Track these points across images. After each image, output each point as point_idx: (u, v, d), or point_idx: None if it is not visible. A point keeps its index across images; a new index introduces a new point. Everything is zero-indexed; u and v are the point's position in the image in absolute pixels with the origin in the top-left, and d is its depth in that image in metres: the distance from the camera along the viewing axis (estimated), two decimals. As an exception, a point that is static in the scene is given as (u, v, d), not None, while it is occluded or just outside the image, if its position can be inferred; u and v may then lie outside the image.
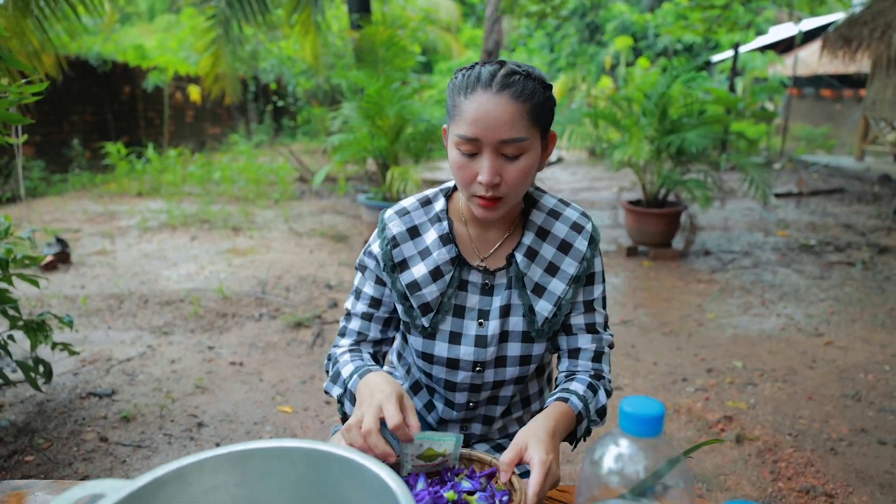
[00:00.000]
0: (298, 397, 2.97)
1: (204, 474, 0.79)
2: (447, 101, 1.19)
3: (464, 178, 1.14)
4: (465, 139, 1.11)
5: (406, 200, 1.33)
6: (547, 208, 1.28)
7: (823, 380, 3.34)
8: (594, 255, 1.27)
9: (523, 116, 1.11)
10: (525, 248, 1.25)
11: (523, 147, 1.12)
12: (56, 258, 4.89)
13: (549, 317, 1.25)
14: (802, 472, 2.53)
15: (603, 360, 1.30)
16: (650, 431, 0.66)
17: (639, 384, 3.27)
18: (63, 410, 2.72)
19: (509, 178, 1.12)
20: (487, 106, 1.09)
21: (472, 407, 1.35)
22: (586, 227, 1.27)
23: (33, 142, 8.57)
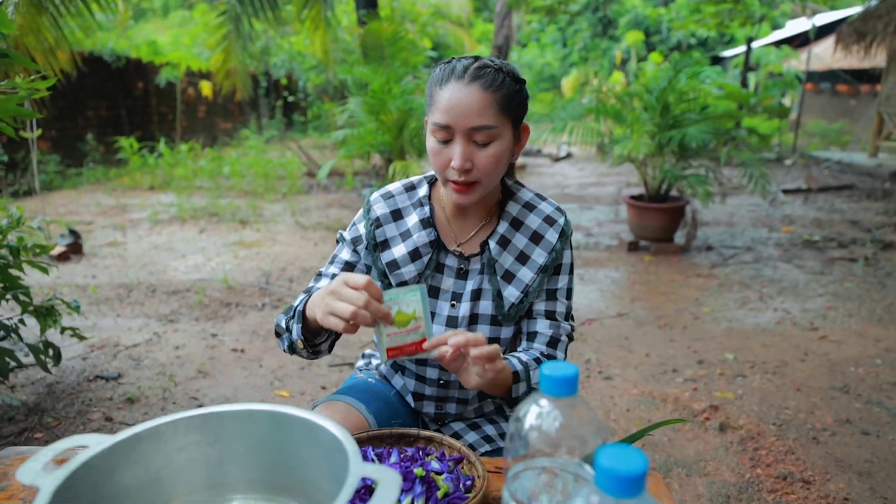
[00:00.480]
0: (296, 382, 3.08)
1: (178, 433, 0.87)
2: (426, 92, 1.28)
3: (439, 163, 1.23)
4: (438, 126, 1.20)
5: (392, 185, 1.42)
6: (523, 201, 1.36)
7: (814, 372, 3.37)
8: (564, 248, 1.35)
9: (492, 105, 1.19)
10: (498, 236, 1.32)
11: (493, 135, 1.21)
12: (69, 249, 5.04)
13: (515, 302, 1.32)
14: (782, 459, 2.59)
15: (558, 347, 1.36)
16: (566, 391, 0.74)
17: (629, 374, 3.34)
18: (71, 392, 2.86)
19: (480, 164, 1.21)
20: (459, 95, 1.18)
21: (444, 385, 1.42)
22: (559, 220, 1.34)
23: (49, 136, 8.75)
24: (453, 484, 1.03)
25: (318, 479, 0.83)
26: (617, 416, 2.89)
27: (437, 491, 1.02)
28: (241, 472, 0.88)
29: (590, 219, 7.23)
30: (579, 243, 6.10)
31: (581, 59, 23.38)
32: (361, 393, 1.43)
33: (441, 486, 1.02)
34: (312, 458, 0.84)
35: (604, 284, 4.86)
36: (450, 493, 1.02)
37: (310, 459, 0.84)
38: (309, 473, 0.85)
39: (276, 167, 9.21)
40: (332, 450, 0.81)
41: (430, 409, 1.48)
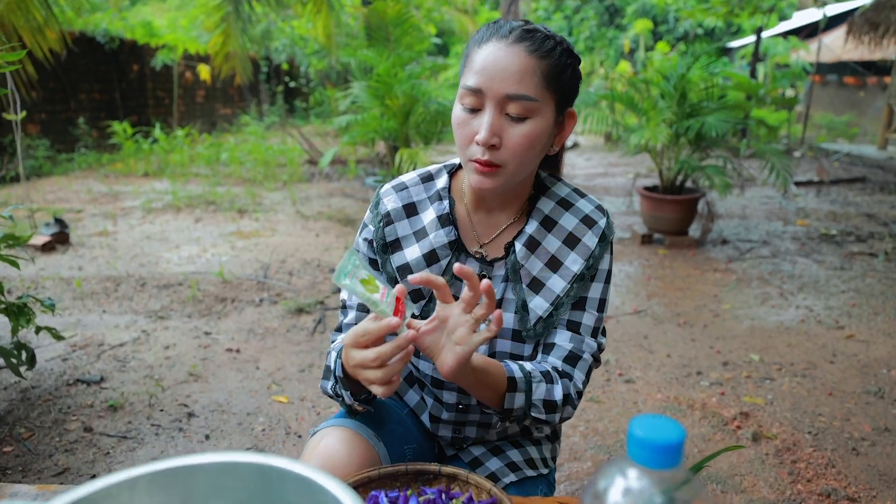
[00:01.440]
0: (295, 386, 2.86)
1: (136, 494, 0.66)
2: (463, 56, 1.09)
3: (462, 137, 1.04)
4: (468, 90, 1.01)
5: (406, 175, 1.22)
6: (558, 197, 1.16)
7: (844, 375, 3.20)
8: (603, 254, 1.15)
9: (535, 74, 0.99)
10: (526, 237, 1.13)
11: (530, 109, 1.00)
12: (54, 239, 4.80)
13: (543, 315, 1.13)
14: (823, 473, 2.39)
15: (577, 366, 1.14)
16: (668, 462, 0.53)
17: (651, 376, 3.14)
18: (48, 398, 2.62)
19: (510, 142, 1.01)
20: (497, 55, 0.99)
21: (463, 409, 1.23)
22: (599, 222, 1.15)
23: (38, 120, 8.51)
24: (484, 533, 0.85)
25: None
26: (642, 425, 2.68)
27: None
28: (220, 542, 0.68)
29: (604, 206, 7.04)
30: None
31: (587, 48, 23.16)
32: (368, 414, 1.22)
33: (471, 541, 0.84)
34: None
35: (618, 279, 4.66)
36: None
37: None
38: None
39: (276, 154, 8.98)
40: (338, 519, 0.61)
41: (447, 433, 1.29)
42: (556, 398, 1.10)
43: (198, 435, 2.41)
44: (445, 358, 0.93)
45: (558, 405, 1.10)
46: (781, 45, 16.98)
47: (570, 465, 2.38)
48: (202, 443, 2.38)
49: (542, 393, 1.08)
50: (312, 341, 3.37)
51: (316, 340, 3.39)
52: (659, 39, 21.44)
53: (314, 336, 3.44)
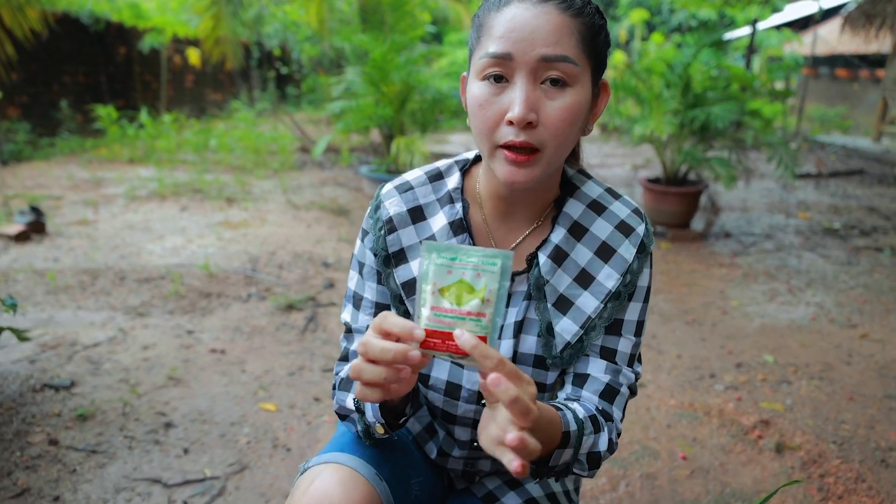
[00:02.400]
0: (284, 392, 2.64)
1: None
2: (470, 34, 0.89)
3: (487, 119, 0.84)
4: (493, 57, 0.82)
5: (411, 173, 1.03)
6: (589, 199, 0.99)
7: (862, 377, 3.06)
8: (641, 268, 0.99)
9: (573, 33, 0.83)
10: (552, 247, 0.96)
11: (571, 73, 0.83)
12: (29, 228, 4.55)
13: (571, 341, 0.96)
14: (853, 489, 2.23)
15: (616, 402, 0.98)
16: None
17: (662, 380, 2.96)
18: (10, 406, 2.38)
19: (549, 119, 0.83)
20: (525, 15, 0.82)
21: (477, 448, 1.07)
22: (637, 229, 0.99)
23: (19, 102, 8.22)
24: None
25: None
26: (657, 434, 2.50)
27: None
28: None
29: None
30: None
31: (580, 38, 22.98)
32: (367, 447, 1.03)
33: None
34: None
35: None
36: None
37: None
38: None
39: (267, 141, 8.73)
40: None
41: (458, 466, 1.13)
42: (600, 449, 0.93)
43: (175, 448, 2.19)
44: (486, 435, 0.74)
45: (601, 457, 0.93)
46: (774, 38, 16.88)
47: (583, 483, 2.20)
48: (180, 457, 2.16)
49: (588, 446, 0.90)
50: (303, 341, 3.16)
51: (307, 340, 3.18)
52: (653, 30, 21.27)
53: (304, 335, 3.23)
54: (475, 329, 0.70)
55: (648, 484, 2.20)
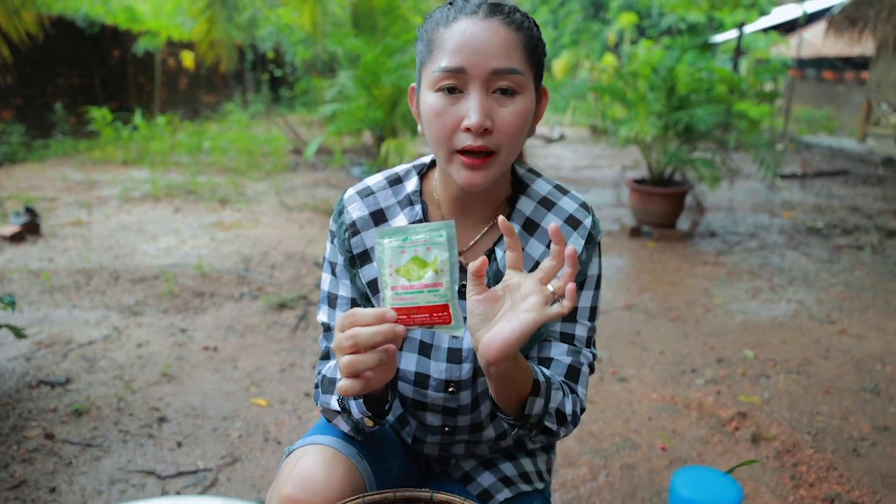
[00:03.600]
0: (275, 388, 2.72)
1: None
2: (418, 46, 0.97)
3: (443, 127, 0.91)
4: (447, 71, 0.89)
5: (371, 178, 1.10)
6: (539, 196, 1.07)
7: (839, 371, 3.15)
8: (591, 258, 1.06)
9: (517, 46, 0.91)
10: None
11: (519, 83, 0.91)
12: (24, 229, 4.60)
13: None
14: (825, 476, 2.32)
15: (580, 380, 1.06)
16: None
17: (645, 375, 3.05)
18: (7, 402, 2.45)
19: (503, 124, 0.90)
20: (475, 30, 0.89)
21: (450, 432, 1.13)
22: (584, 221, 1.06)
23: (14, 105, 8.27)
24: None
25: None
26: (638, 427, 2.59)
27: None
28: None
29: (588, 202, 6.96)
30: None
31: (572, 42, 23.10)
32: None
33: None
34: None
35: (608, 273, 4.57)
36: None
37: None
38: None
39: (260, 143, 8.79)
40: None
41: (433, 452, 1.20)
42: (566, 410, 1.01)
43: (169, 442, 2.27)
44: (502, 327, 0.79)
45: (567, 418, 1.01)
46: (762, 41, 17.05)
47: (564, 472, 2.27)
48: (173, 451, 2.24)
49: (557, 400, 0.98)
50: (294, 339, 3.23)
51: (298, 338, 3.25)
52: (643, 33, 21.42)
53: (296, 333, 3.30)
54: (435, 299, 0.78)
55: (628, 474, 2.28)
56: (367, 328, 0.77)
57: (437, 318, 0.79)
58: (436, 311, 0.79)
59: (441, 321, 0.79)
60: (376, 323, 0.78)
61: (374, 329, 0.77)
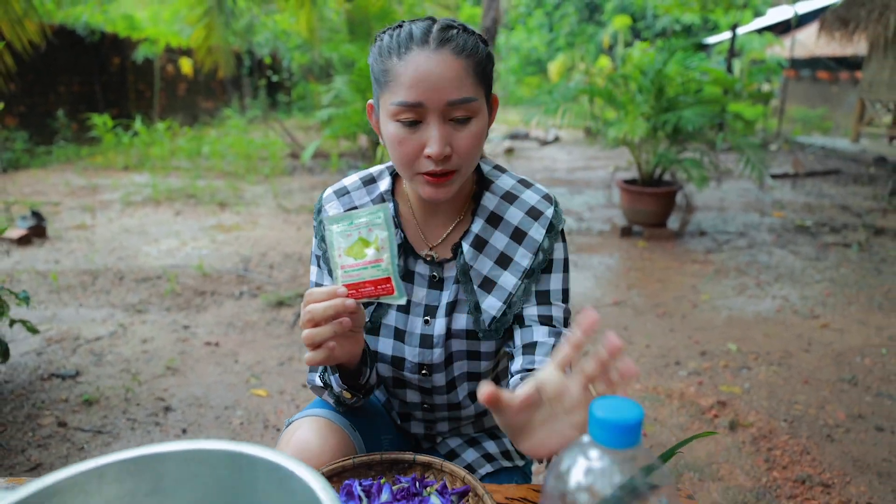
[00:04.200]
0: (274, 380, 2.85)
1: (105, 482, 0.66)
2: (372, 66, 1.03)
3: (406, 154, 0.99)
4: (406, 106, 0.96)
5: (348, 178, 1.19)
6: (502, 191, 1.13)
7: (819, 363, 3.25)
8: (553, 245, 1.12)
9: (469, 74, 0.97)
10: (473, 236, 1.11)
11: (473, 109, 0.98)
12: (31, 232, 4.74)
13: (497, 315, 1.11)
14: (798, 460, 2.43)
15: None
16: (626, 441, 0.53)
17: (630, 367, 3.16)
18: (21, 392, 2.59)
19: (461, 148, 0.98)
20: (428, 65, 0.95)
21: (429, 409, 1.23)
22: (546, 212, 1.12)
23: (17, 112, 8.40)
24: (459, 521, 0.84)
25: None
26: (620, 415, 2.70)
27: (440, 534, 0.83)
28: (190, 532, 0.67)
29: (580, 203, 7.06)
30: (571, 228, 5.92)
31: (567, 44, 23.22)
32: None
33: (444, 529, 0.84)
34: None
35: (598, 271, 4.68)
36: (455, 535, 0.83)
37: (276, 515, 0.64)
38: (276, 532, 0.64)
39: (258, 148, 8.92)
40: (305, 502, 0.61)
41: (420, 430, 1.29)
42: None
43: (175, 429, 2.40)
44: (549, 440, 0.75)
45: None
46: (757, 41, 17.15)
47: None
48: (179, 437, 2.37)
49: None
50: (292, 334, 3.36)
51: (296, 333, 3.38)
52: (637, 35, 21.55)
53: (294, 329, 3.43)
54: (377, 273, 0.89)
55: (609, 458, 2.40)
56: (320, 304, 0.87)
57: (381, 289, 0.90)
58: (380, 284, 0.89)
59: (385, 292, 0.90)
60: (328, 299, 0.88)
61: (326, 304, 0.87)
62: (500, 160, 10.07)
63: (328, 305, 0.87)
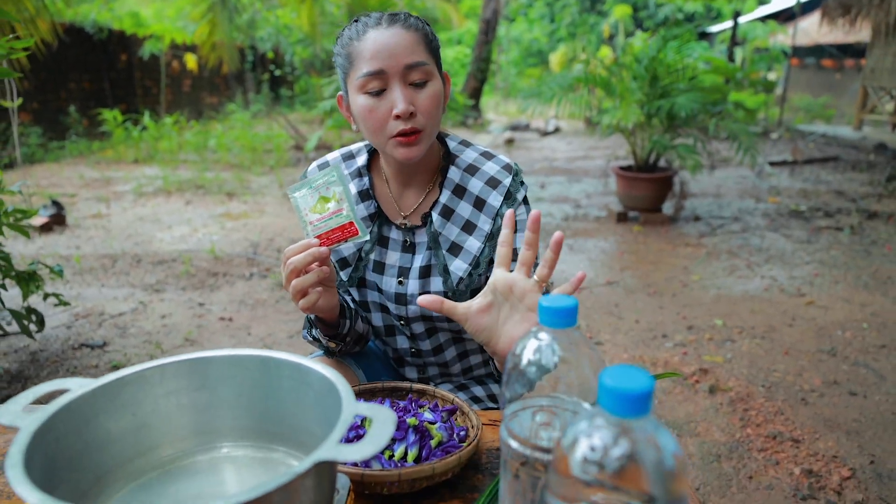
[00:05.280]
0: (285, 350, 3.04)
1: (165, 378, 0.84)
2: (337, 60, 1.19)
3: (377, 120, 1.13)
4: (370, 75, 1.11)
5: (330, 154, 1.35)
6: (465, 164, 1.25)
7: (801, 336, 3.39)
8: (515, 210, 1.23)
9: (419, 43, 1.13)
10: (441, 206, 1.23)
11: (428, 72, 1.14)
12: (52, 220, 4.97)
13: (463, 276, 1.24)
14: (772, 419, 2.61)
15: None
16: (565, 323, 0.71)
17: (619, 339, 3.35)
18: (55, 360, 2.81)
19: (422, 107, 1.13)
20: (383, 38, 1.11)
21: (416, 353, 1.38)
22: (504, 181, 1.23)
23: (31, 109, 8.62)
24: (447, 433, 1.01)
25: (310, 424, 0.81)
26: (607, 380, 2.89)
27: (431, 440, 1.00)
28: (230, 419, 0.86)
29: (578, 191, 7.22)
30: (568, 215, 6.09)
31: (569, 35, 23.24)
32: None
33: (435, 436, 1.00)
34: (303, 403, 0.82)
35: (593, 254, 4.86)
36: (444, 441, 1.00)
37: (301, 404, 0.82)
38: (300, 419, 0.82)
39: (262, 140, 9.12)
40: (323, 393, 0.79)
41: (413, 375, 1.45)
42: None
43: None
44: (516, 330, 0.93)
45: None
46: (760, 29, 17.16)
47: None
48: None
49: None
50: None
51: (304, 310, 3.58)
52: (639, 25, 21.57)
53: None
54: (340, 220, 1.05)
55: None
56: (299, 255, 1.03)
57: (347, 232, 1.06)
58: (345, 228, 1.06)
59: (351, 234, 1.06)
60: (304, 250, 1.04)
61: (304, 254, 1.03)
62: (501, 150, 10.22)
63: (306, 254, 1.03)
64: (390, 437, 0.65)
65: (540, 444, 0.69)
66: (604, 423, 0.52)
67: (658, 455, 0.50)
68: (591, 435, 0.52)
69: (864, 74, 11.04)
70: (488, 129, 12.79)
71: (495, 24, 12.38)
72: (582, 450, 0.52)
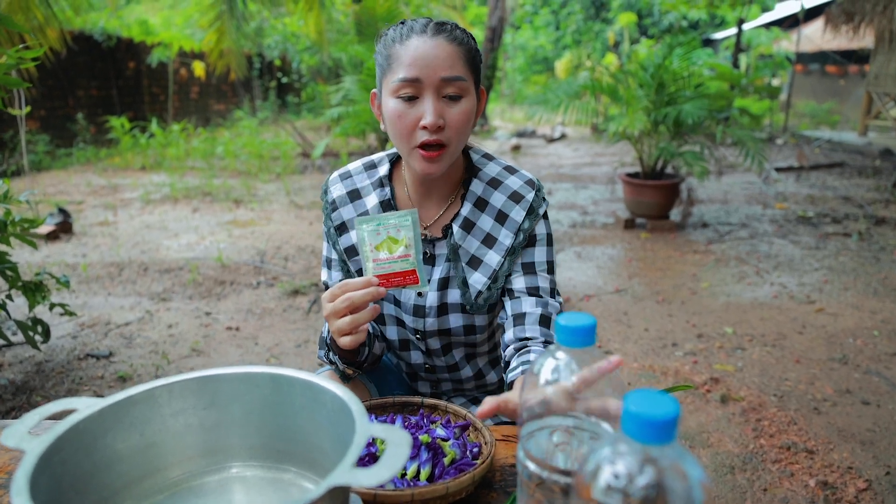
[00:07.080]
0: (292, 360, 3.04)
1: (173, 396, 0.83)
2: (377, 58, 1.18)
3: (404, 127, 1.12)
4: (405, 81, 1.10)
5: (352, 164, 1.33)
6: (489, 177, 1.25)
7: (812, 344, 3.36)
8: (533, 225, 1.23)
9: (460, 58, 1.12)
10: (462, 219, 1.22)
11: (464, 88, 1.12)
12: (58, 228, 4.98)
13: (482, 289, 1.23)
14: (785, 430, 2.58)
15: (551, 327, 1.21)
16: (583, 342, 0.69)
17: (629, 348, 3.32)
18: (61, 371, 2.81)
19: (452, 121, 1.12)
20: (425, 47, 1.10)
21: (430, 370, 1.37)
22: (527, 196, 1.23)
23: (38, 116, 8.67)
24: (460, 450, 0.99)
25: (322, 443, 0.80)
26: (617, 390, 2.86)
27: (444, 458, 0.98)
28: (240, 438, 0.84)
29: (585, 197, 7.20)
30: (575, 222, 6.07)
31: (574, 42, 23.28)
32: None
33: (448, 453, 0.98)
34: (315, 422, 0.80)
35: (601, 261, 4.84)
36: (457, 459, 0.98)
37: (312, 423, 0.81)
38: (312, 438, 0.81)
39: (270, 147, 9.14)
40: (335, 412, 0.77)
41: (426, 389, 1.44)
42: None
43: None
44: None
45: None
46: (764, 36, 17.15)
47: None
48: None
49: None
50: (308, 320, 3.55)
51: (311, 319, 3.57)
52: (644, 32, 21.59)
53: (309, 315, 3.62)
54: (406, 266, 1.05)
55: (606, 429, 2.56)
56: (359, 291, 1.02)
57: (409, 279, 1.06)
58: (408, 275, 1.06)
59: (412, 282, 1.06)
60: (364, 287, 1.03)
61: (364, 291, 1.02)
62: (507, 157, 10.21)
63: (366, 293, 1.02)
64: (406, 460, 0.64)
65: (557, 466, 0.67)
66: (628, 450, 0.51)
67: (685, 485, 0.49)
68: (615, 462, 0.51)
69: (868, 80, 11.06)
70: (494, 136, 12.79)
71: (501, 32, 12.40)
72: (606, 476, 0.51)
